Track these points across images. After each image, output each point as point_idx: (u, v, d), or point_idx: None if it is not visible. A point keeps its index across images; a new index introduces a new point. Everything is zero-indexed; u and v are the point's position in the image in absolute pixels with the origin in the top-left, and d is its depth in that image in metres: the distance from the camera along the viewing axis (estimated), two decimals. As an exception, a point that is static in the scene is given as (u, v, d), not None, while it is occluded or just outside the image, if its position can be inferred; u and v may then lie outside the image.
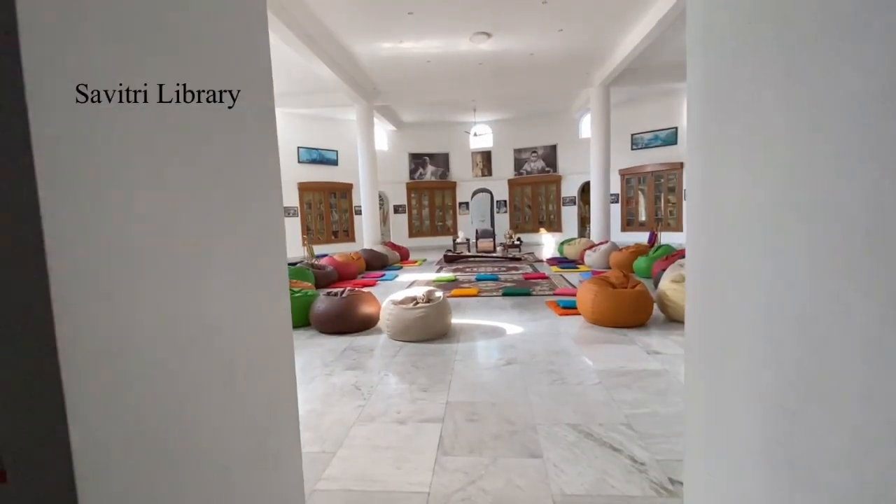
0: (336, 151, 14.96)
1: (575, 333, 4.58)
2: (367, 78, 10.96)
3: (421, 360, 3.92)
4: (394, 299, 4.64)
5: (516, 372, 3.53)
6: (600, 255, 9.26)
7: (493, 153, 16.61)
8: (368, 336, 4.76)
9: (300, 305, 5.15)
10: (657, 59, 10.53)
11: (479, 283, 7.94)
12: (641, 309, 4.65)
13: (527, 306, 5.92)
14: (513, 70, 10.78)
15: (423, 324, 4.38)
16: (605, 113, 11.50)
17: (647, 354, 3.86)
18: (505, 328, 4.86)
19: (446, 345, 4.32)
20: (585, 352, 3.98)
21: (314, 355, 4.23)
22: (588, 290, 4.82)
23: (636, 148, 14.45)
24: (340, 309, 4.80)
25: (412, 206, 16.58)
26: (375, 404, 3.03)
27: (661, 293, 4.92)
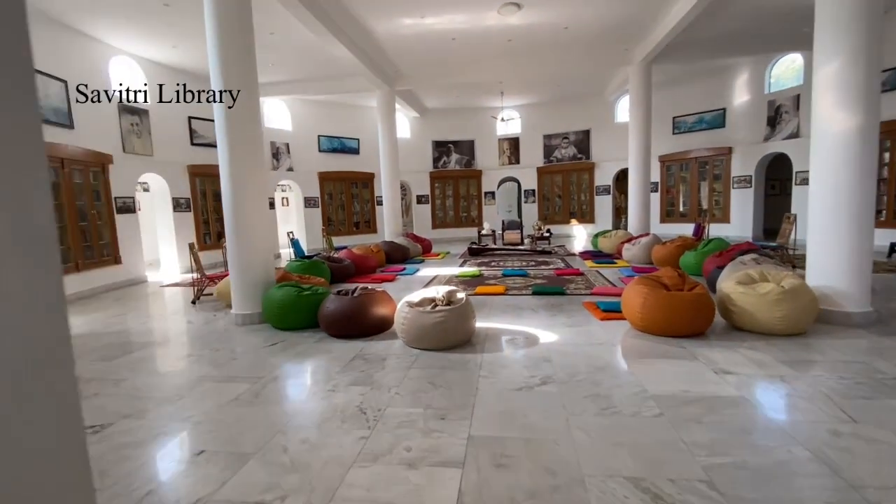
0: (357, 140, 14.47)
1: (621, 344, 3.90)
2: (388, 60, 10.36)
3: (439, 374, 3.34)
4: (410, 301, 4.07)
5: (554, 395, 2.91)
6: (641, 250, 8.44)
7: (521, 140, 15.77)
8: (382, 341, 4.21)
9: (308, 304, 4.65)
10: (707, 31, 9.48)
11: (506, 279, 7.30)
12: (701, 315, 3.93)
13: (561, 308, 5.25)
14: (545, 47, 9.94)
15: (442, 330, 3.80)
16: (645, 93, 10.52)
17: (714, 374, 3.16)
18: (537, 335, 4.22)
19: (469, 355, 3.73)
20: (637, 369, 3.30)
21: (318, 365, 3.72)
22: (637, 292, 4.11)
23: (678, 132, 13.35)
24: (351, 310, 4.27)
25: (435, 197, 15.98)
26: (381, 436, 2.47)
27: (723, 296, 4.17)
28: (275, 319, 4.74)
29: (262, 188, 5.16)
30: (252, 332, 4.76)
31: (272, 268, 5.32)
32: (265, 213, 5.18)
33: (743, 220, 11.75)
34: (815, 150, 4.34)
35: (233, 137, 4.91)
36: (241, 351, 4.13)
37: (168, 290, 7.79)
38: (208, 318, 5.51)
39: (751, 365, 3.31)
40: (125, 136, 8.65)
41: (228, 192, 4.98)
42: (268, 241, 5.25)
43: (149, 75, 9.29)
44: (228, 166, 4.94)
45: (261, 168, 5.13)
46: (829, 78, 4.15)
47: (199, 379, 3.48)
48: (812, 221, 4.40)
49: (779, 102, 10.85)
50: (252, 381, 3.38)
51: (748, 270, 4.33)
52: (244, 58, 4.98)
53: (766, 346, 3.68)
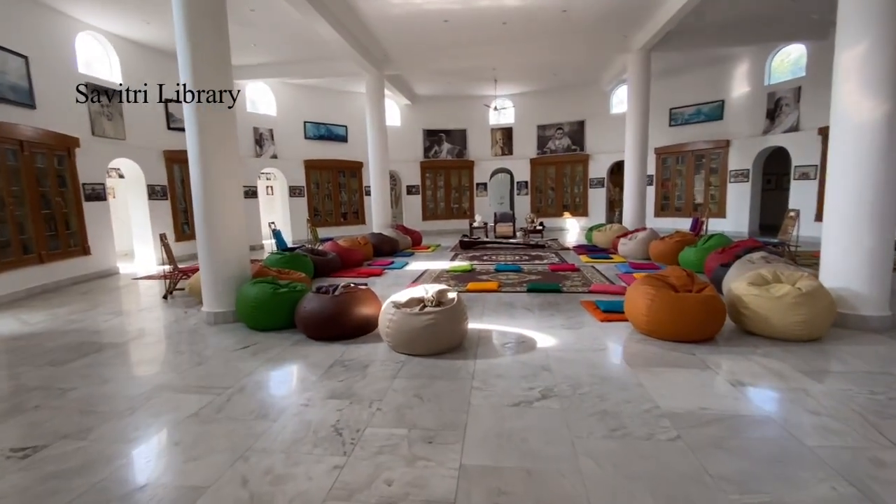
0: (345, 127, 13.95)
1: (626, 350, 3.59)
2: (377, 42, 9.86)
3: (428, 385, 2.99)
4: (396, 301, 3.70)
5: (556, 412, 2.58)
6: (637, 245, 8.15)
7: (514, 130, 15.37)
8: (365, 345, 3.85)
9: (285, 303, 4.27)
10: (709, 17, 9.14)
11: (500, 274, 6.96)
12: (712, 319, 3.62)
13: (558, 307, 4.92)
14: (541, 32, 9.52)
15: (431, 334, 3.45)
16: (644, 83, 10.18)
17: (730, 387, 2.86)
18: (534, 338, 3.89)
19: (461, 362, 3.38)
20: (645, 379, 2.99)
21: (293, 373, 3.35)
22: (642, 293, 3.79)
23: (675, 124, 13.06)
24: (332, 311, 3.90)
25: (426, 187, 15.54)
26: (359, 465, 2.12)
27: (734, 298, 3.87)
28: (249, 319, 4.34)
29: (236, 175, 4.72)
30: (224, 332, 4.36)
31: (247, 262, 4.91)
32: (239, 202, 4.76)
33: (739, 216, 11.54)
34: (835, 140, 4.03)
35: (203, 119, 4.46)
36: (208, 355, 3.74)
37: (141, 283, 7.32)
38: (179, 316, 5.09)
39: (769, 376, 3.02)
40: (94, 118, 8.09)
41: (198, 179, 4.54)
42: (242, 233, 4.83)
43: (120, 53, 8.70)
44: (198, 151, 4.50)
45: (234, 153, 4.69)
46: (854, 62, 3.83)
47: (156, 388, 3.09)
48: (828, 218, 4.11)
49: (779, 95, 10.59)
50: (216, 391, 3.01)
51: (760, 270, 4.04)
52: (215, 30, 4.52)
53: (783, 354, 3.39)
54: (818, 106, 9.76)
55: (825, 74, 9.67)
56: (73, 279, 7.27)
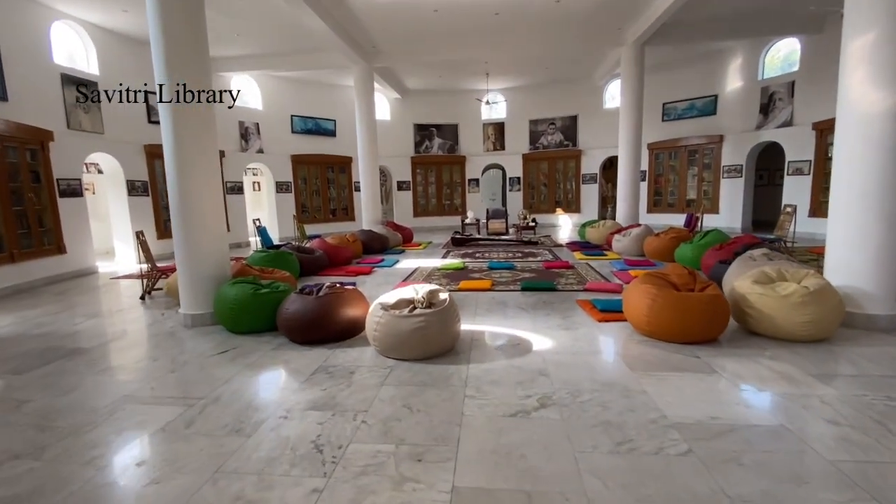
0: (334, 121, 13.63)
1: (627, 352, 3.40)
2: (365, 33, 9.57)
3: (417, 394, 2.78)
4: (384, 302, 3.48)
5: (556, 424, 2.38)
6: (632, 241, 8.00)
7: (506, 125, 15.16)
8: (351, 349, 3.62)
9: (266, 304, 4.03)
10: (704, 10, 8.99)
11: (492, 272, 6.77)
12: (716, 319, 3.46)
13: (553, 306, 4.74)
14: (534, 23, 9.31)
15: (421, 337, 3.24)
16: (637, 77, 10.03)
17: (741, 393, 2.69)
18: (530, 340, 3.70)
19: (453, 367, 3.18)
20: (650, 385, 2.81)
21: (272, 380, 3.11)
22: (643, 292, 3.62)
23: (668, 119, 12.94)
24: (315, 313, 3.67)
25: (417, 183, 15.29)
26: (340, 489, 1.91)
27: (738, 297, 3.71)
28: (228, 321, 4.10)
29: (214, 169, 4.46)
30: (201, 335, 4.11)
31: (227, 260, 4.66)
32: (217, 197, 4.49)
33: (732, 211, 11.46)
34: (841, 132, 3.88)
35: (178, 110, 4.19)
36: (183, 361, 3.49)
37: (120, 282, 7.01)
38: (155, 318, 4.83)
39: (779, 380, 2.85)
40: (70, 110, 7.73)
41: (173, 173, 4.27)
42: (221, 230, 4.57)
43: (97, 43, 8.33)
44: (173, 143, 4.23)
45: (211, 147, 4.42)
46: (862, 53, 3.67)
47: (123, 399, 2.85)
48: (833, 213, 3.97)
49: (773, 89, 10.49)
50: (188, 403, 2.77)
51: (763, 268, 3.88)
52: (191, 15, 4.23)
53: (790, 356, 3.23)
54: (812, 101, 9.68)
55: (819, 69, 9.66)
56: (48, 279, 6.94)
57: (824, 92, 9.41)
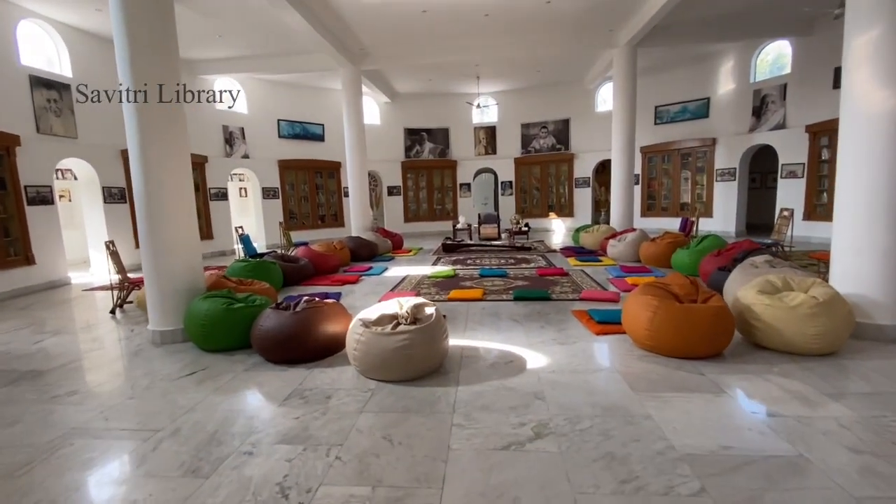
0: (322, 125, 13.36)
1: (627, 369, 3.16)
2: (352, 34, 9.33)
3: (400, 422, 2.52)
4: (365, 319, 3.22)
5: (554, 458, 2.13)
6: (627, 247, 7.81)
7: (497, 129, 14.98)
8: (330, 369, 3.35)
9: (240, 319, 3.75)
10: (696, 12, 8.89)
11: (484, 280, 6.53)
12: (721, 333, 3.24)
13: (548, 318, 4.50)
14: (525, 24, 9.14)
15: (405, 357, 2.97)
16: (630, 79, 9.89)
17: (753, 417, 2.46)
18: (523, 357, 3.45)
19: (440, 390, 2.92)
20: (654, 409, 2.57)
21: (241, 407, 2.83)
22: (643, 304, 3.39)
23: (660, 122, 12.84)
24: (291, 330, 3.39)
25: (408, 188, 15.04)
26: (303, 547, 1.63)
27: (742, 308, 3.49)
28: (199, 338, 3.80)
29: (184, 174, 4.17)
30: (170, 355, 3.81)
31: (200, 272, 4.36)
32: (189, 204, 4.21)
33: (726, 215, 11.35)
34: (846, 133, 3.71)
35: (144, 112, 3.91)
36: (144, 385, 3.20)
37: (94, 294, 6.67)
38: (124, 335, 4.52)
39: (791, 401, 2.63)
40: (39, 113, 7.39)
41: (139, 179, 3.99)
42: (193, 239, 4.28)
43: (68, 43, 8.00)
44: (139, 147, 3.95)
45: (182, 150, 4.14)
46: (866, 50, 3.50)
47: (71, 433, 2.55)
48: (839, 218, 3.79)
49: (765, 92, 10.42)
50: (144, 436, 2.48)
51: (768, 276, 3.68)
52: (159, 9, 3.96)
53: (800, 372, 3.02)
54: (804, 103, 9.60)
55: (811, 71, 9.60)
56: (14, 292, 6.58)
57: (817, 94, 9.36)
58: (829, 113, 9.03)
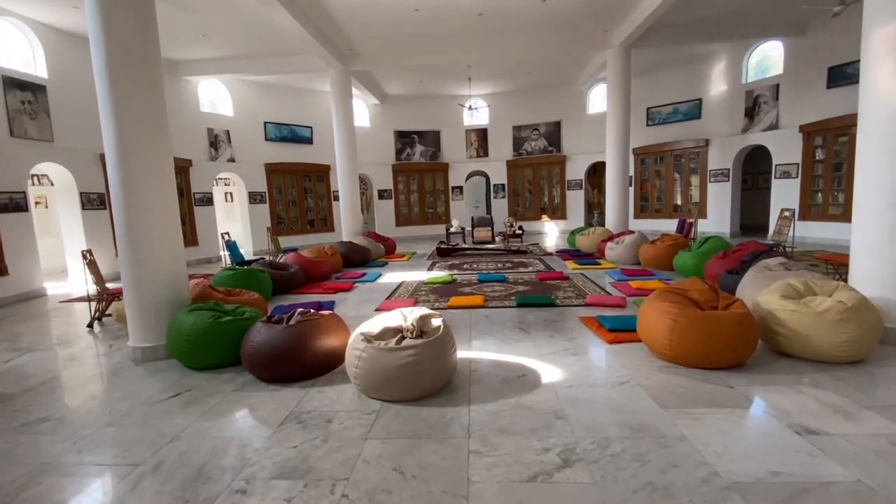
0: (310, 128, 13.04)
1: (650, 383, 2.96)
2: (341, 33, 9.07)
3: (411, 450, 2.27)
4: (367, 332, 2.96)
5: (588, 490, 1.90)
6: (626, 249, 7.66)
7: (489, 131, 14.82)
8: (329, 387, 3.08)
9: (228, 334, 3.46)
10: (688, 13, 8.83)
11: (483, 286, 6.30)
12: (745, 341, 3.05)
13: (556, 325, 4.29)
14: (518, 24, 8.99)
15: (412, 374, 2.73)
16: (624, 80, 9.79)
17: (795, 436, 2.26)
18: (536, 370, 3.23)
19: (451, 410, 2.68)
20: (688, 428, 2.36)
21: (231, 434, 2.55)
22: (662, 311, 3.19)
23: (652, 123, 12.80)
24: (285, 346, 3.12)
25: (399, 191, 14.78)
26: None
27: (765, 314, 3.32)
28: (183, 356, 3.51)
29: (167, 179, 3.87)
30: (151, 374, 3.51)
31: (184, 282, 4.06)
32: (172, 210, 3.91)
33: (720, 216, 11.31)
34: (867, 130, 3.56)
35: (124, 113, 3.61)
36: (123, 410, 2.89)
37: (70, 306, 6.28)
38: (102, 351, 4.19)
39: (832, 415, 2.45)
40: (13, 116, 6.98)
41: (118, 184, 3.68)
42: (176, 247, 3.97)
43: (44, 43, 7.61)
44: (116, 149, 3.64)
45: (164, 153, 3.85)
46: (889, 41, 3.36)
47: (39, 469, 2.25)
48: (860, 219, 3.64)
49: (757, 93, 10.41)
50: (122, 471, 2.20)
51: (789, 280, 3.51)
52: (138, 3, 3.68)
53: (833, 382, 2.85)
54: (797, 103, 9.60)
55: (803, 72, 9.61)
56: (-17, 305, 6.17)
57: (810, 95, 9.36)
58: (822, 113, 9.05)
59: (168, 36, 8.51)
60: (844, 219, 8.77)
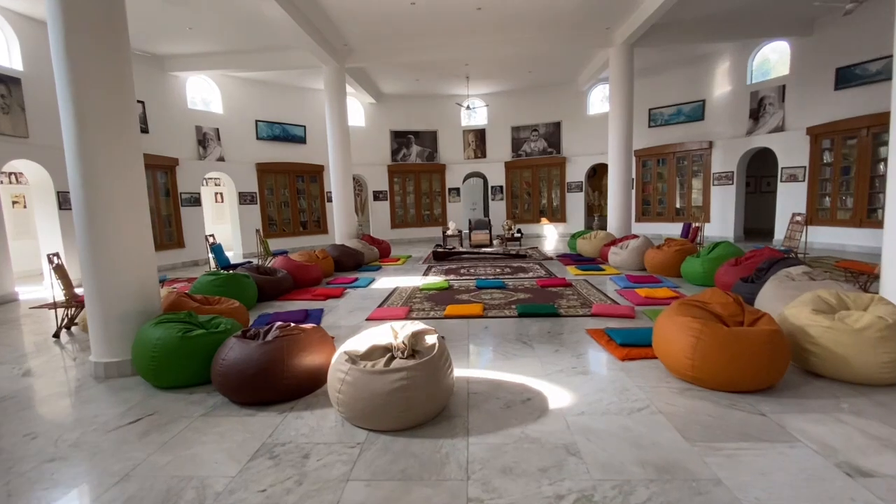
0: (303, 127, 12.68)
1: (671, 409, 2.62)
2: (336, 28, 8.74)
3: (400, 496, 1.92)
4: (352, 352, 2.62)
5: (613, 556, 1.56)
6: (631, 254, 7.35)
7: (487, 131, 14.51)
8: (310, 412, 2.73)
9: (199, 350, 3.10)
10: (693, 11, 8.56)
11: (482, 292, 5.97)
12: (777, 362, 2.73)
13: (561, 339, 3.96)
14: (519, 20, 8.69)
15: (404, 401, 2.39)
16: (627, 79, 9.51)
17: (846, 478, 1.94)
18: (542, 392, 2.89)
19: (447, 443, 2.33)
20: (721, 468, 2.03)
21: (192, 470, 2.19)
22: (682, 327, 2.87)
23: (654, 125, 12.53)
24: (259, 364, 2.77)
25: (394, 193, 14.42)
26: None
27: (795, 331, 3.00)
28: (149, 374, 3.15)
29: (136, 177, 3.52)
30: (114, 393, 3.15)
31: (155, 291, 3.70)
32: (141, 211, 3.55)
33: (724, 220, 11.03)
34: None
35: (85, 103, 3.26)
36: (73, 439, 2.53)
37: (41, 313, 5.90)
38: (67, 363, 3.82)
39: (884, 451, 2.13)
40: (-16, 110, 6.61)
41: (78, 181, 3.33)
42: (145, 253, 3.61)
43: (20, 34, 7.24)
44: (76, 142, 3.30)
45: (132, 148, 3.49)
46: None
47: (-44, 518, 1.89)
48: (892, 225, 3.34)
49: (762, 94, 10.15)
50: (52, 523, 1.84)
51: (819, 293, 3.20)
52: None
53: (876, 409, 2.53)
54: (804, 105, 9.35)
55: (811, 72, 9.35)
56: (-53, 311, 5.77)
57: (817, 96, 9.10)
58: (830, 114, 8.79)
59: (153, 28, 8.15)
60: (853, 224, 8.51)
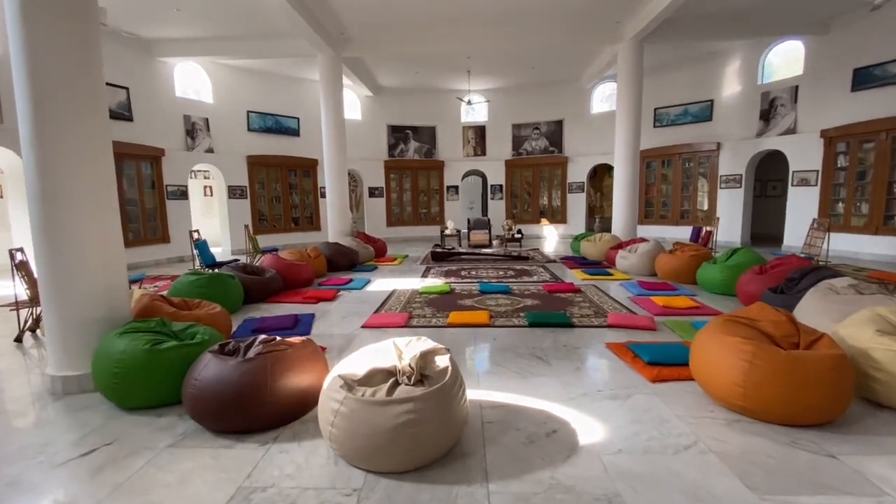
0: (297, 119, 12.20)
1: (724, 448, 2.23)
2: (332, 15, 8.28)
3: (407, 571, 1.51)
4: (348, 375, 2.20)
5: None
6: (641, 259, 6.98)
7: (487, 129, 14.10)
8: (296, 445, 2.31)
9: (171, 366, 2.67)
10: (708, 6, 8.21)
11: (486, 297, 5.58)
12: (843, 392, 2.36)
13: (579, 353, 3.57)
14: (525, 11, 8.28)
15: (411, 438, 1.98)
16: (636, 77, 9.15)
17: (965, 551, 1.56)
18: (568, 421, 2.49)
19: (463, 490, 1.92)
20: (805, 535, 1.64)
21: (147, 530, 1.77)
22: (732, 348, 2.48)
23: (660, 125, 12.19)
24: (239, 386, 2.34)
25: (391, 189, 13.98)
26: None
27: (855, 353, 2.63)
28: (111, 392, 2.71)
29: (104, 166, 3.07)
30: (71, 413, 2.71)
31: (124, 294, 3.25)
32: (108, 205, 3.10)
33: (731, 224, 10.72)
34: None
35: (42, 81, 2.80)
36: (12, 475, 2.10)
37: (6, 313, 5.41)
38: (27, 372, 3.37)
39: None
40: (-51, 91, 6.09)
41: (33, 170, 2.87)
42: (113, 252, 3.16)
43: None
44: (31, 120, 2.84)
45: (100, 133, 3.04)
46: None
47: None
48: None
49: (774, 94, 9.84)
50: None
51: (878, 310, 2.83)
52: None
53: (963, 451, 2.16)
54: (818, 106, 9.04)
55: (826, 73, 9.04)
56: None
57: (832, 97, 8.79)
58: (846, 117, 8.49)
59: (137, 6, 7.64)
60: (868, 231, 8.22)
